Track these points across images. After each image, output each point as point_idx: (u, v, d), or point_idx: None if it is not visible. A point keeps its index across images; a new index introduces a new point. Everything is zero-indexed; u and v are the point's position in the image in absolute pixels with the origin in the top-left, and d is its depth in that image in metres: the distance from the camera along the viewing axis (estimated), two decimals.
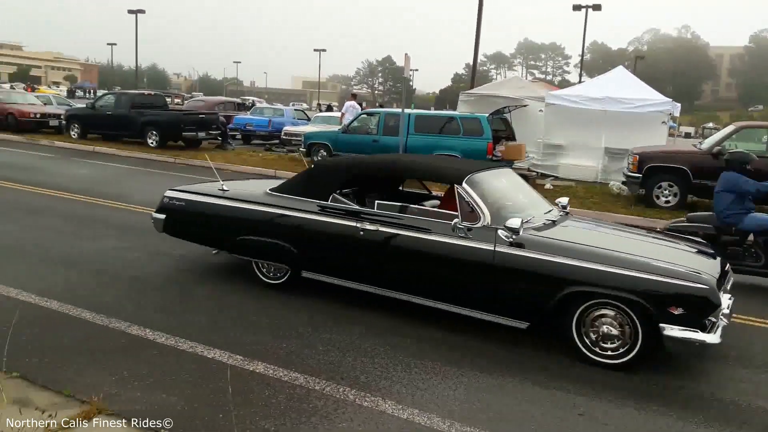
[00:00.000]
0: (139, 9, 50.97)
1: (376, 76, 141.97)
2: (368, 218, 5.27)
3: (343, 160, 6.62)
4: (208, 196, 6.07)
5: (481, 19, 24.14)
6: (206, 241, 6.30)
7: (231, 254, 6.07)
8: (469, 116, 14.88)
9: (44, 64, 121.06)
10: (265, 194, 5.85)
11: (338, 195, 5.57)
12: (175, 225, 6.27)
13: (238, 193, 6.04)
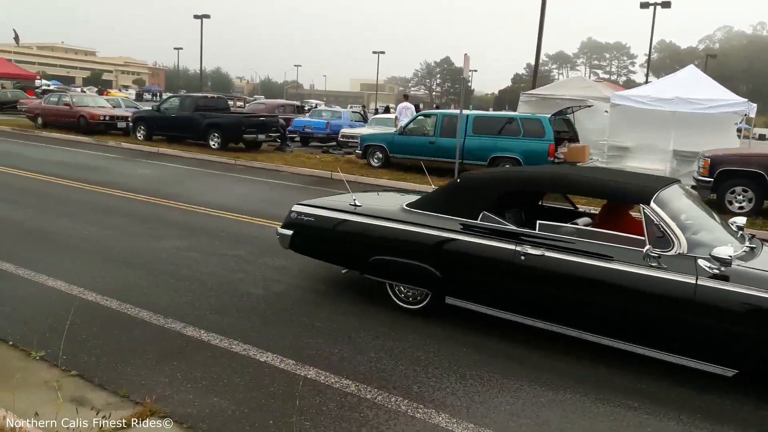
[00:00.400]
0: (204, 14, 52.60)
1: (433, 78, 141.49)
2: (530, 241, 4.66)
3: (496, 173, 5.81)
4: (340, 212, 5.65)
5: (543, 18, 23.62)
6: (336, 259, 5.91)
7: (363, 275, 5.56)
8: (530, 117, 14.51)
9: (115, 68, 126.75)
10: (403, 210, 5.41)
11: (489, 213, 4.95)
12: (303, 242, 5.88)
13: (372, 209, 5.59)
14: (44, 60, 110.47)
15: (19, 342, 4.32)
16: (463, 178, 5.60)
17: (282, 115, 22.70)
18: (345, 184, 6.73)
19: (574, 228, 4.85)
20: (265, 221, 8.90)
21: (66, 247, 6.92)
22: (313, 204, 5.98)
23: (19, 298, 5.21)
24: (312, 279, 6.27)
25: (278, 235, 6.00)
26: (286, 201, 11.00)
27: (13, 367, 3.98)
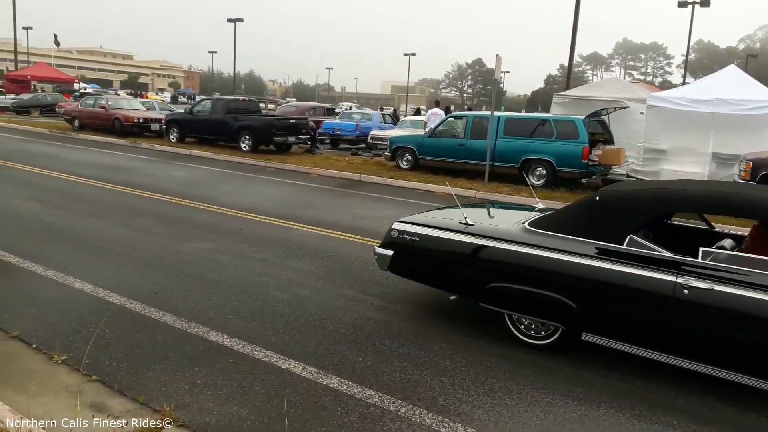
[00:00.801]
0: (238, 18, 53.23)
1: (465, 79, 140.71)
2: (695, 272, 3.96)
3: (647, 190, 4.73)
4: (450, 232, 5.04)
5: (577, 19, 23.21)
6: (445, 285, 5.27)
7: (478, 304, 4.92)
8: (563, 118, 14.18)
9: (152, 71, 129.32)
10: (526, 231, 4.77)
11: (637, 237, 4.27)
12: (405, 264, 5.36)
13: (487, 228, 4.99)
14: (84, 64, 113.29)
15: (42, 345, 4.31)
16: (604, 195, 4.70)
17: (312, 118, 22.73)
18: (454, 198, 6.06)
19: (749, 257, 4.02)
20: (292, 223, 8.84)
21: (95, 249, 6.95)
22: (417, 221, 5.39)
23: (46, 299, 5.22)
24: (337, 283, 6.16)
25: (376, 255, 5.46)
26: (314, 203, 10.95)
27: (35, 370, 3.95)
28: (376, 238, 8.20)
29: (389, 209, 10.83)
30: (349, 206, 10.89)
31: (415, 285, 6.18)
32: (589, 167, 13.39)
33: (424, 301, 5.76)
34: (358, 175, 14.69)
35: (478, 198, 12.74)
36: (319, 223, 8.98)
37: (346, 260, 7.06)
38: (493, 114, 14.06)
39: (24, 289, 5.44)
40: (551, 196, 12.48)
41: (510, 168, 14.22)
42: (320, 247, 7.63)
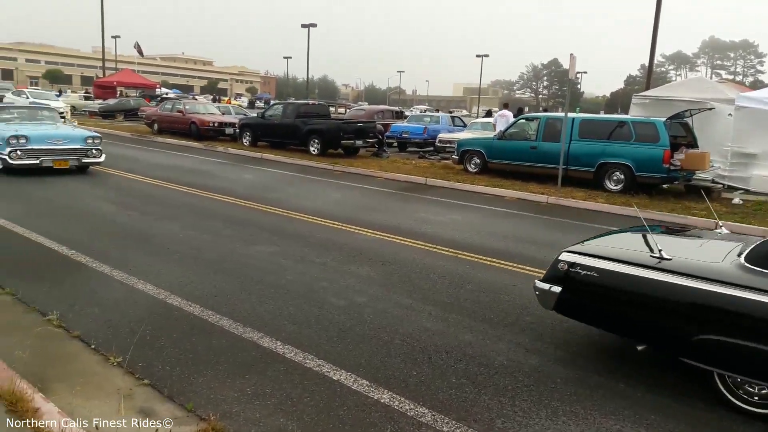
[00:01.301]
0: (312, 23, 54.25)
1: (540, 80, 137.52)
2: None
3: None
4: (640, 268, 4.12)
5: (659, 16, 22.03)
6: (631, 332, 4.37)
7: (680, 359, 4.01)
8: (643, 120, 13.42)
9: (230, 77, 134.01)
10: (744, 270, 3.85)
11: None
12: (578, 304, 4.55)
13: (690, 264, 4.05)
14: (166, 70, 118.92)
15: (100, 346, 4.36)
16: None
17: (381, 121, 22.70)
18: (640, 219, 5.21)
19: None
20: (354, 228, 8.74)
21: (161, 250, 7.09)
22: (593, 252, 4.52)
23: (110, 300, 5.32)
24: (396, 291, 5.97)
25: (537, 291, 4.66)
26: (378, 207, 10.80)
27: (91, 372, 3.99)
28: (440, 243, 7.98)
29: (454, 214, 10.56)
30: (413, 210, 10.69)
31: (473, 295, 5.91)
32: (670, 172, 12.59)
33: (483, 313, 5.48)
34: (424, 179, 14.47)
35: (550, 203, 12.24)
36: (382, 227, 8.83)
37: (406, 267, 6.86)
38: (567, 115, 13.49)
39: (90, 289, 5.57)
40: (630, 203, 11.82)
41: (585, 172, 13.60)
42: (381, 252, 7.47)
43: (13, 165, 11.58)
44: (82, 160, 12.53)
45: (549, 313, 5.46)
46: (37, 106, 15.06)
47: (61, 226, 7.93)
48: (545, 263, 7.24)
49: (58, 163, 12.18)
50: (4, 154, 11.57)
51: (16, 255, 6.60)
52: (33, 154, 11.82)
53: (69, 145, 12.38)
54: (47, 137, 12.16)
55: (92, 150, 12.67)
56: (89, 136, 12.84)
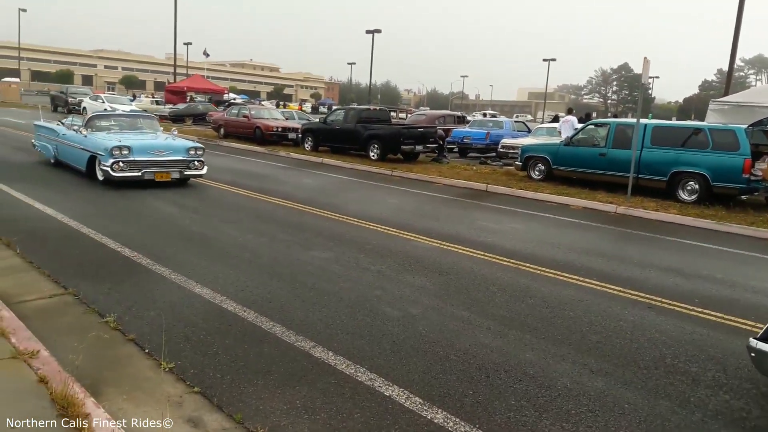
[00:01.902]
0: (376, 29, 54.54)
1: (609, 85, 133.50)
2: None
3: None
4: None
5: (741, 17, 20.84)
6: None
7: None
8: (721, 127, 12.64)
9: (295, 83, 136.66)
10: None
11: None
12: None
13: None
14: (235, 76, 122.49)
15: (154, 350, 4.35)
16: None
17: (442, 126, 22.45)
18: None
19: None
20: (411, 234, 8.57)
21: (220, 253, 7.13)
22: None
23: (166, 303, 5.35)
24: (452, 303, 5.75)
25: (752, 353, 3.91)
26: (436, 214, 10.58)
27: (143, 377, 3.98)
28: (500, 253, 7.69)
29: (516, 223, 10.22)
30: (473, 218, 10.42)
31: (535, 310, 5.61)
32: (750, 182, 11.79)
33: (545, 330, 5.18)
34: (485, 185, 14.13)
35: (618, 213, 11.68)
36: (439, 235, 8.62)
37: (464, 277, 6.63)
38: (639, 121, 12.87)
39: (148, 292, 5.63)
40: (705, 215, 11.14)
41: (657, 181, 12.93)
42: (438, 261, 7.27)
43: (115, 177, 10.84)
44: (184, 172, 11.64)
45: (617, 332, 5.15)
46: (137, 114, 14.16)
47: (122, 227, 8.13)
48: (613, 277, 6.88)
49: (160, 175, 11.30)
50: (106, 165, 10.88)
51: (81, 256, 6.78)
52: (135, 166, 11.03)
53: (171, 157, 11.49)
54: (149, 148, 11.40)
55: (194, 161, 11.71)
56: (192, 146, 11.86)
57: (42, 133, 14.25)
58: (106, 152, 10.92)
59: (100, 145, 11.23)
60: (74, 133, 12.36)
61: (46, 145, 13.74)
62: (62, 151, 12.95)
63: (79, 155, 11.90)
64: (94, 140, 11.55)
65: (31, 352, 3.90)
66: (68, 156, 12.66)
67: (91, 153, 11.41)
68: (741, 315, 5.83)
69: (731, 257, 8.67)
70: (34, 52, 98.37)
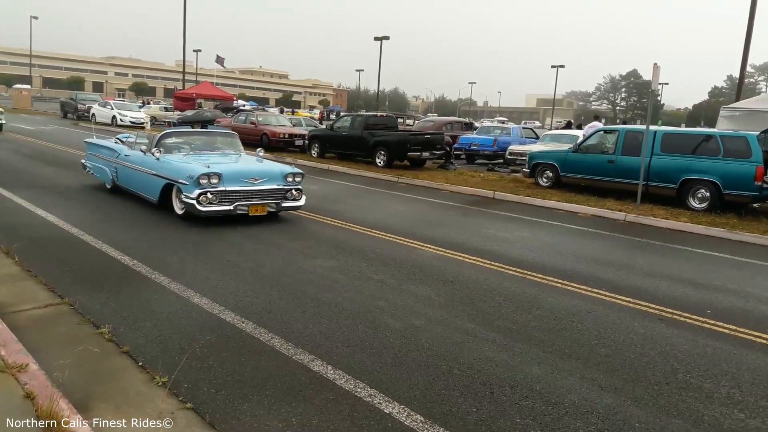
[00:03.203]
0: (384, 36, 54.54)
1: (618, 92, 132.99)
2: None
3: None
4: None
5: (752, 23, 20.62)
6: None
7: None
8: (732, 134, 12.43)
9: (304, 89, 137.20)
10: None
11: None
12: None
13: None
14: (244, 83, 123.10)
15: (148, 363, 4.23)
16: None
17: (449, 133, 22.32)
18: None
19: None
20: (416, 243, 8.43)
21: (222, 262, 7.01)
22: None
23: (164, 313, 5.23)
24: (457, 314, 5.60)
25: None
26: (442, 221, 10.43)
27: (136, 391, 3.85)
28: (506, 262, 7.54)
29: (523, 231, 10.05)
30: (479, 226, 10.26)
31: (542, 322, 5.45)
32: (763, 190, 11.57)
33: (552, 343, 5.02)
34: (492, 193, 13.97)
35: (628, 221, 11.49)
36: (445, 243, 8.47)
37: (469, 287, 6.47)
38: (649, 128, 12.69)
39: (146, 302, 5.51)
40: (716, 223, 10.93)
41: (666, 189, 12.73)
42: (443, 270, 7.12)
43: (202, 213, 8.59)
44: (282, 204, 9.38)
45: (627, 345, 4.99)
46: (217, 132, 11.51)
47: (121, 233, 8.03)
48: (623, 287, 6.70)
49: (254, 209, 9.02)
50: (190, 197, 8.58)
51: (78, 260, 6.69)
52: (226, 197, 8.75)
53: (267, 185, 9.21)
54: (242, 175, 9.09)
55: (291, 190, 9.44)
56: (289, 172, 9.60)
57: (96, 152, 11.85)
58: (191, 181, 8.64)
59: (181, 172, 8.92)
60: (141, 155, 10.07)
61: (102, 168, 11.41)
62: (125, 175, 10.63)
63: (150, 182, 9.63)
64: (172, 164, 9.29)
65: (20, 366, 3.79)
66: (133, 182, 10.35)
67: (168, 180, 9.17)
68: (755, 327, 5.64)
69: (744, 267, 8.46)
70: (46, 59, 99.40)
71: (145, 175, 9.76)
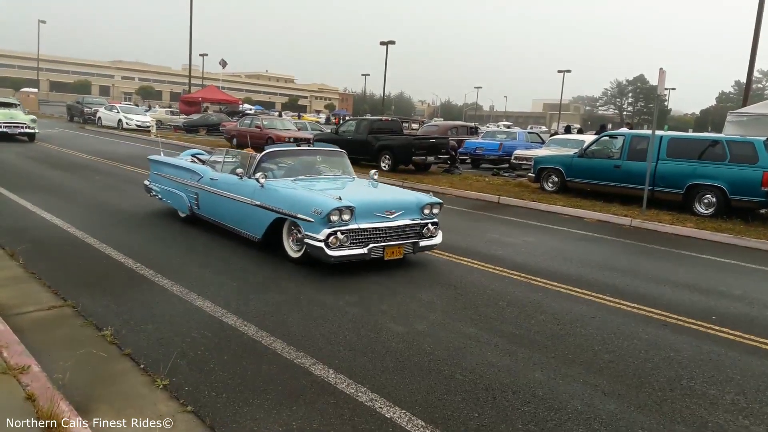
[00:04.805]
0: (390, 40, 54.66)
1: (625, 97, 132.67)
2: None
3: None
4: None
5: (759, 27, 20.54)
6: None
7: None
8: (739, 140, 12.37)
9: (310, 94, 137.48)
10: None
11: None
12: None
13: None
14: (250, 87, 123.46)
15: (150, 366, 4.22)
16: None
17: (455, 137, 22.31)
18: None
19: None
20: None
21: (226, 264, 7.02)
22: None
23: (166, 316, 5.23)
24: (460, 319, 5.57)
25: None
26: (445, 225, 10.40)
27: (137, 394, 3.85)
28: (511, 267, 7.51)
29: (528, 235, 10.01)
30: (483, 230, 10.24)
31: (546, 327, 5.42)
32: None
33: (555, 348, 4.99)
34: (497, 197, 13.94)
35: (633, 227, 11.44)
36: (448, 247, 8.43)
37: (473, 292, 6.45)
38: (655, 133, 12.64)
39: (149, 304, 5.51)
40: (723, 228, 10.87)
41: (672, 194, 12.67)
42: (446, 274, 7.10)
43: (332, 258, 6.60)
44: (420, 244, 7.35)
45: (631, 351, 4.96)
46: (322, 149, 9.29)
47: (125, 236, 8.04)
48: (627, 293, 6.67)
49: (390, 251, 7.00)
50: (318, 238, 6.56)
51: (82, 263, 6.70)
52: (359, 237, 6.79)
53: (403, 220, 7.21)
54: (375, 207, 7.09)
55: (428, 225, 7.44)
56: (427, 203, 7.52)
57: (166, 173, 9.65)
58: (319, 217, 6.61)
59: (303, 204, 6.91)
60: (235, 179, 7.99)
61: (176, 193, 9.23)
62: (210, 204, 8.49)
63: (251, 215, 7.59)
64: (287, 194, 7.28)
65: (22, 368, 3.79)
66: (223, 213, 8.27)
67: (280, 215, 7.17)
68: (760, 334, 5.60)
69: (750, 273, 8.40)
70: (53, 63, 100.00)
71: (244, 206, 7.69)
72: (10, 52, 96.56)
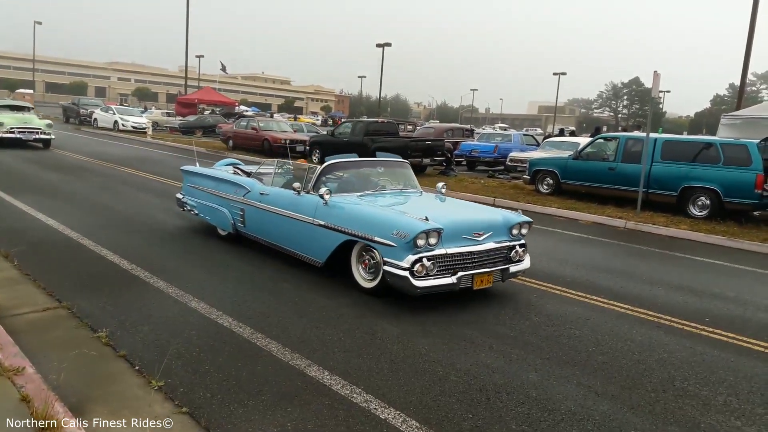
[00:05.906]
0: (386, 43, 54.71)
1: (620, 99, 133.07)
2: None
3: None
4: None
5: (753, 30, 20.68)
6: None
7: None
8: (732, 142, 12.45)
9: (306, 96, 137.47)
10: None
11: None
12: None
13: None
14: (247, 89, 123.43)
15: (145, 367, 4.23)
16: None
17: (450, 139, 22.35)
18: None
19: None
20: None
21: (222, 265, 7.02)
22: None
23: (161, 318, 5.23)
24: (456, 319, 5.59)
25: None
26: None
27: (132, 395, 3.85)
28: None
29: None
30: None
31: (540, 329, 5.45)
32: (763, 198, 11.57)
33: (549, 349, 5.02)
34: (492, 199, 13.97)
35: (628, 228, 11.49)
36: None
37: (467, 293, 6.45)
38: (649, 135, 12.70)
39: (144, 306, 5.51)
40: (716, 230, 10.93)
41: (667, 196, 12.73)
42: None
43: (418, 289, 5.64)
44: (510, 270, 6.39)
45: (624, 352, 4.99)
46: (384, 160, 8.03)
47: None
48: (621, 294, 6.70)
49: (480, 279, 6.05)
50: (402, 266, 5.62)
51: (77, 264, 6.70)
52: (447, 264, 5.84)
53: (491, 243, 6.24)
54: (463, 228, 6.15)
55: (516, 247, 6.46)
56: (516, 222, 6.54)
57: (205, 185, 8.58)
58: (403, 241, 5.66)
59: (381, 224, 5.98)
60: (291, 195, 7.08)
61: (216, 208, 8.23)
62: (259, 221, 7.59)
63: (314, 236, 6.65)
64: (357, 212, 6.36)
65: (17, 369, 3.79)
66: (276, 232, 7.35)
67: (351, 236, 6.23)
68: (753, 335, 5.64)
69: (743, 275, 8.45)
70: (49, 64, 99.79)
71: (304, 226, 6.77)
72: (6, 52, 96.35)
